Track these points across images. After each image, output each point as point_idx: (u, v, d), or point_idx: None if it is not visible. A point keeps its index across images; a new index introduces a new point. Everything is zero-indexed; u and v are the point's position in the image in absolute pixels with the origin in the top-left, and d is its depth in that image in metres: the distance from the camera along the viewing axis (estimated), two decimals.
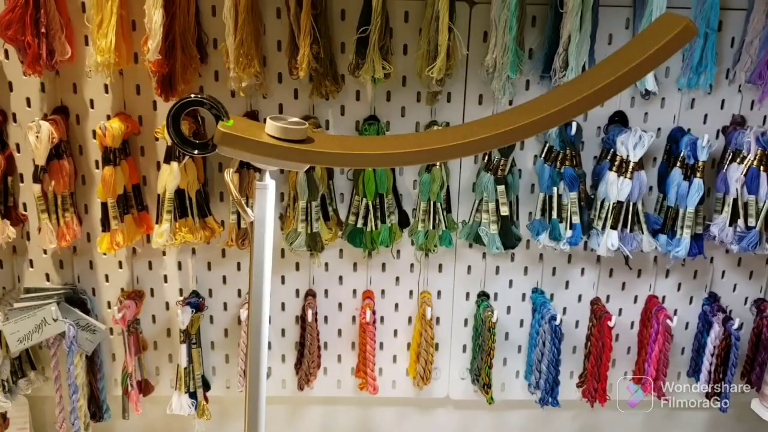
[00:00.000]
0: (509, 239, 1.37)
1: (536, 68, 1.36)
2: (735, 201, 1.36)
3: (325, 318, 1.54)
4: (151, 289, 1.51)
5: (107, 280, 1.50)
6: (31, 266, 1.48)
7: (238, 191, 0.90)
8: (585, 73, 1.01)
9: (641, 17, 1.30)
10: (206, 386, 1.54)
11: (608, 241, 1.36)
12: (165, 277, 1.50)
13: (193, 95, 0.91)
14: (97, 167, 1.39)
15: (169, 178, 1.30)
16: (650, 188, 1.44)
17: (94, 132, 1.35)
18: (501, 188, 1.34)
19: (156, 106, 1.39)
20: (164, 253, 1.49)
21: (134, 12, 1.31)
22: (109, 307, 1.51)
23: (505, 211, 1.36)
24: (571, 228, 1.36)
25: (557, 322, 1.42)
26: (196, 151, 0.92)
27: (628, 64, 0.85)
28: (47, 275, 1.48)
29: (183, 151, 0.93)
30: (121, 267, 1.49)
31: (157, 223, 1.33)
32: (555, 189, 1.35)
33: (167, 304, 1.52)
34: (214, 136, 0.89)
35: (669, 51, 0.83)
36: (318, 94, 1.33)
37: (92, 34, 1.25)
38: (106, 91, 1.38)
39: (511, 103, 1.39)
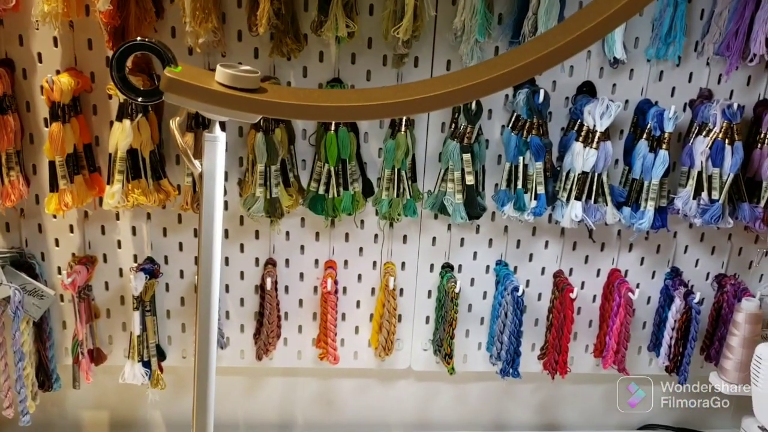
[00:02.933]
0: (474, 209, 1.34)
1: (506, 34, 1.33)
2: (699, 174, 1.35)
3: (286, 288, 1.50)
4: (104, 255, 1.45)
5: (57, 245, 1.44)
6: None
7: (180, 137, 0.85)
8: (552, 29, 0.98)
9: None
10: (161, 355, 1.49)
11: (572, 212, 1.34)
12: (118, 242, 1.45)
13: (139, 38, 0.86)
14: (46, 126, 1.32)
15: (120, 136, 1.24)
16: (616, 161, 1.42)
17: (42, 88, 1.28)
18: (467, 157, 1.31)
19: (109, 63, 1.33)
20: (118, 218, 1.43)
21: None
22: (60, 272, 1.45)
23: (470, 180, 1.33)
24: (536, 198, 1.34)
25: (519, 293, 1.40)
26: (140, 99, 0.87)
27: (596, 17, 0.82)
28: None
29: (127, 97, 0.88)
30: (72, 231, 1.43)
31: (108, 183, 1.28)
32: (521, 158, 1.32)
33: (121, 270, 1.47)
34: (159, 82, 0.84)
35: (638, 4, 0.81)
36: (278, 53, 1.28)
37: None
38: (56, 45, 1.31)
39: None
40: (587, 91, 1.40)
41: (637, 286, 1.52)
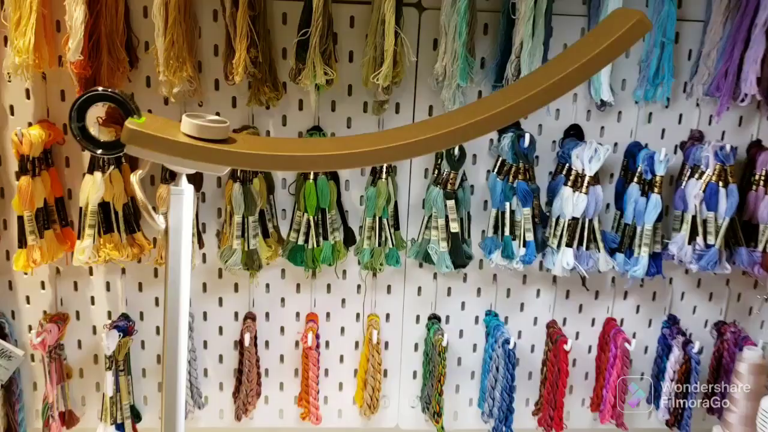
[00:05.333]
0: (460, 258, 1.29)
1: (489, 78, 1.29)
2: (694, 218, 1.30)
3: (266, 343, 1.44)
4: (77, 312, 1.40)
5: (28, 302, 1.38)
6: None
7: (141, 192, 0.80)
8: (535, 71, 0.95)
9: (595, 24, 1.25)
10: (136, 417, 1.42)
11: (563, 259, 1.29)
12: (92, 298, 1.39)
13: (101, 88, 0.81)
14: (18, 179, 1.28)
15: (91, 189, 1.20)
16: (607, 206, 1.38)
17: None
18: (450, 203, 1.27)
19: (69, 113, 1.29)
20: (91, 273, 1.38)
21: (58, 11, 1.21)
22: (30, 330, 1.38)
23: (455, 227, 1.28)
24: (524, 246, 1.29)
25: (511, 346, 1.34)
26: (99, 151, 0.83)
27: (580, 59, 0.78)
28: None
29: (87, 149, 0.83)
30: (43, 288, 1.38)
31: (79, 238, 1.23)
32: (507, 204, 1.28)
33: (94, 328, 1.41)
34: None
35: (622, 45, 0.77)
36: (256, 102, 1.25)
37: (10, 33, 1.16)
38: (28, 97, 1.28)
39: None
40: (575, 134, 1.36)
41: (634, 335, 1.46)
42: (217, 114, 1.31)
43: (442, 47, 1.24)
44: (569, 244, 1.29)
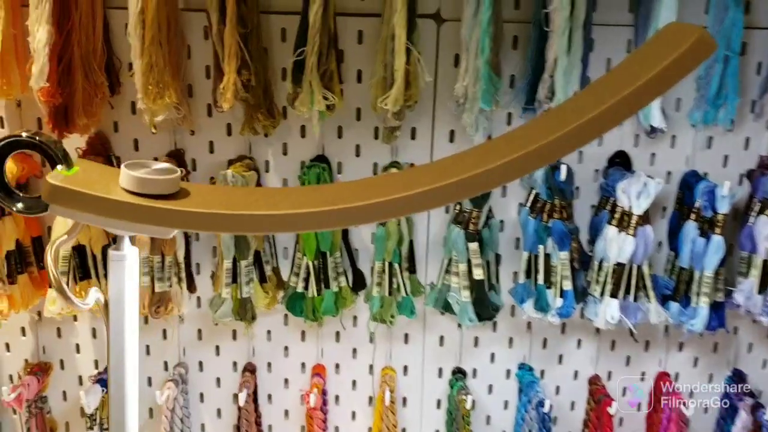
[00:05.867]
0: (485, 309, 1.11)
1: (518, 99, 1.11)
2: (765, 263, 1.10)
3: (269, 396, 1.28)
4: (61, 361, 1.27)
5: (8, 350, 1.26)
6: None
7: (57, 269, 0.65)
8: (570, 100, 0.77)
9: (644, 36, 1.06)
10: None
11: (607, 312, 1.10)
12: (77, 346, 1.26)
13: (24, 133, 0.67)
14: None
15: (64, 230, 1.05)
16: (659, 244, 1.18)
17: None
18: (473, 246, 1.09)
19: (63, 144, 1.16)
20: (75, 319, 1.24)
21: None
22: (12, 381, 1.26)
23: (479, 274, 1.10)
24: (561, 296, 1.10)
25: (546, 409, 1.16)
26: (20, 205, 0.68)
27: (624, 89, 0.60)
28: None
29: (6, 207, 0.68)
30: (24, 334, 1.25)
31: (50, 286, 1.09)
32: (541, 247, 1.10)
33: (80, 378, 1.27)
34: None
35: (677, 71, 0.58)
36: (250, 130, 1.09)
37: None
38: (1, 125, 1.15)
39: (490, 139, 1.15)
40: (620, 162, 1.17)
41: (691, 394, 1.26)
42: (210, 143, 1.16)
43: (463, 65, 1.06)
44: (614, 294, 1.10)
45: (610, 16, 1.11)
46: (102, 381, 1.20)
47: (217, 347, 1.26)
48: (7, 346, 1.25)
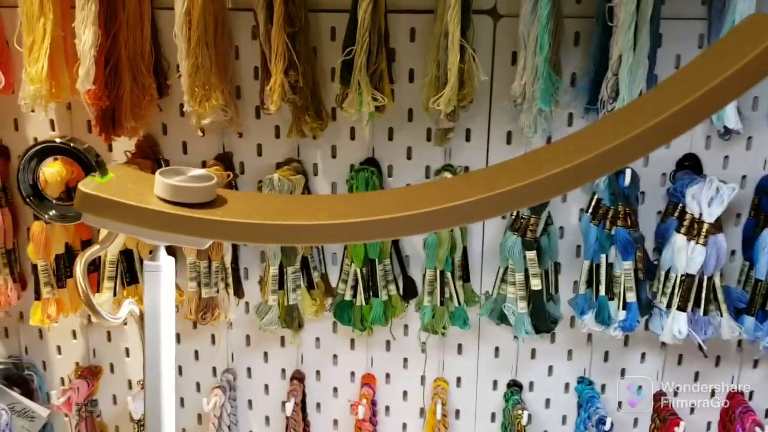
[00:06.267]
0: (543, 321, 1.06)
1: (580, 98, 1.05)
2: None
3: (318, 405, 1.25)
4: (111, 365, 1.26)
5: (59, 353, 1.26)
6: None
7: (85, 281, 0.62)
8: (637, 101, 0.71)
9: (719, 31, 0.99)
10: None
11: (675, 326, 1.03)
12: (126, 350, 1.25)
13: (58, 139, 0.64)
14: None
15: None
16: (732, 253, 1.10)
17: None
18: (531, 255, 1.03)
19: (112, 147, 1.15)
20: (125, 322, 1.23)
21: None
22: (63, 383, 1.26)
23: (536, 284, 1.04)
24: (624, 308, 1.03)
25: (607, 428, 1.09)
26: (53, 213, 0.66)
27: (698, 89, 0.54)
28: None
29: (38, 214, 0.66)
30: (75, 337, 1.25)
31: (98, 290, 1.08)
32: (604, 257, 1.03)
33: (129, 382, 1.27)
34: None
35: (761, 69, 0.52)
36: (298, 133, 1.06)
37: (24, 58, 1.02)
38: (52, 128, 1.15)
39: (549, 141, 1.09)
40: (690, 165, 1.09)
41: (766, 414, 1.18)
42: (259, 146, 1.13)
43: (521, 63, 1.01)
44: (682, 307, 1.03)
45: (681, 8, 1.03)
46: None
47: (266, 354, 1.23)
48: (59, 348, 1.25)
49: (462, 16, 0.97)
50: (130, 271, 1.08)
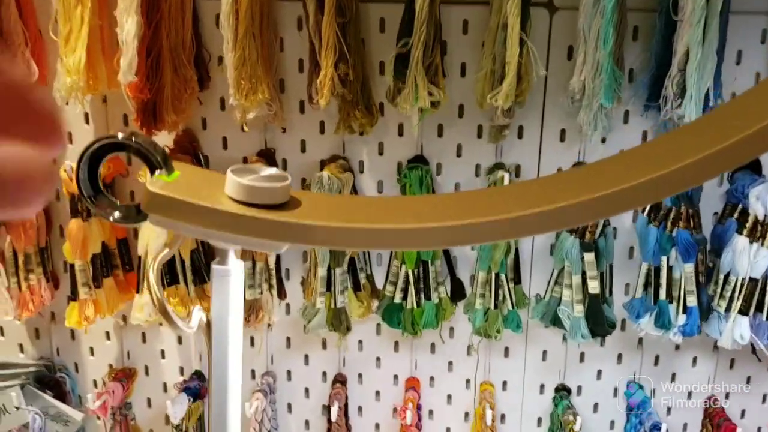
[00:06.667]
0: (600, 325, 1.02)
1: (638, 95, 1.01)
2: None
3: (359, 409, 1.22)
4: (146, 367, 1.22)
5: (92, 354, 1.22)
6: (2, 335, 1.21)
7: (159, 288, 0.58)
8: (720, 110, 0.67)
9: None
10: None
11: (736, 330, 1.00)
12: (162, 352, 1.22)
13: (120, 134, 0.60)
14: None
15: (152, 235, 1.01)
16: None
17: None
18: (589, 257, 1.00)
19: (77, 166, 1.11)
20: (161, 323, 1.19)
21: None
22: (96, 386, 1.23)
23: (594, 287, 1.01)
24: (684, 312, 1.00)
25: None
26: (117, 215, 0.62)
27: None
28: (21, 346, 1.22)
29: (101, 216, 0.62)
30: (108, 339, 1.21)
31: (138, 292, 1.04)
32: (665, 259, 0.99)
33: (165, 385, 1.23)
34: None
35: None
36: (346, 129, 1.02)
37: (60, 49, 0.98)
38: (87, 122, 1.11)
39: (603, 141, 1.05)
40: (748, 165, 1.05)
41: None
42: (302, 142, 1.09)
43: (581, 57, 0.97)
44: (744, 312, 0.99)
45: (743, 2, 0.99)
46: (188, 389, 1.15)
47: (306, 356, 1.20)
48: (91, 350, 1.22)
49: (521, 8, 0.93)
50: (171, 272, 1.05)
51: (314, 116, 1.08)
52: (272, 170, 0.59)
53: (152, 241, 1.00)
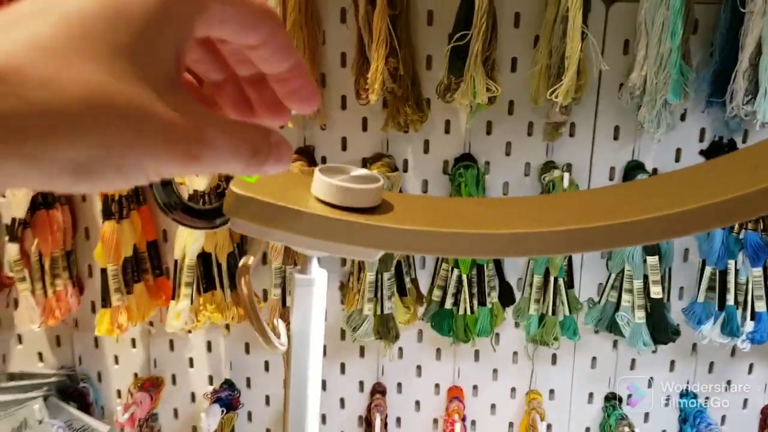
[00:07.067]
0: (663, 332, 0.97)
1: (699, 91, 0.97)
2: None
3: (398, 420, 1.16)
4: (173, 376, 1.17)
5: (117, 363, 1.16)
6: (20, 342, 1.15)
7: (252, 302, 0.52)
8: None
9: None
10: None
11: None
12: (190, 360, 1.16)
13: None
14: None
15: (189, 238, 0.95)
16: None
17: None
18: (653, 261, 0.95)
19: None
20: (189, 330, 1.14)
21: None
22: (120, 396, 1.17)
23: (657, 292, 0.96)
24: (753, 318, 0.95)
25: None
26: (195, 220, 0.56)
27: None
28: (40, 355, 1.15)
29: (178, 222, 0.57)
30: (134, 346, 1.15)
31: (173, 298, 0.98)
32: (732, 262, 0.95)
33: (193, 395, 1.17)
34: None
35: None
36: (395, 125, 0.97)
37: None
38: None
39: (658, 140, 1.00)
40: None
41: None
42: (343, 140, 1.04)
43: (642, 52, 0.92)
44: None
45: None
46: (220, 400, 1.09)
47: (342, 365, 1.14)
48: (116, 358, 1.16)
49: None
50: (207, 276, 0.99)
51: (357, 113, 1.03)
52: (362, 171, 0.54)
53: (189, 244, 0.95)
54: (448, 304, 0.99)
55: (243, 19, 0.27)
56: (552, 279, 0.97)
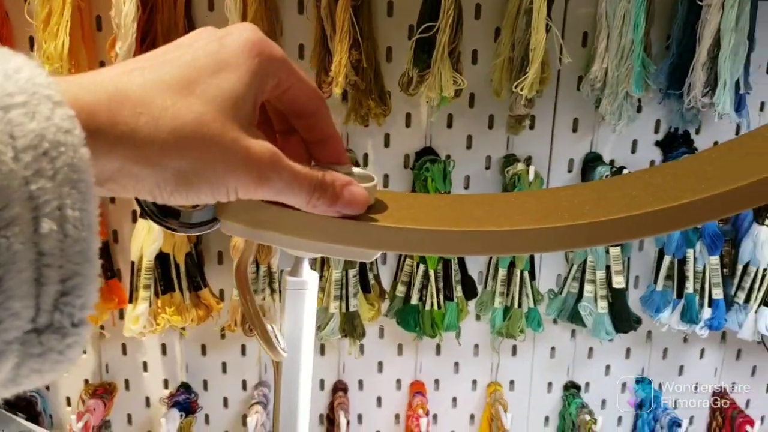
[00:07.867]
0: (625, 321, 0.99)
1: (656, 82, 0.98)
2: None
3: (359, 417, 1.15)
4: (126, 381, 1.12)
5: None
6: None
7: (255, 308, 0.50)
8: None
9: None
10: None
11: (760, 322, 0.98)
12: (144, 364, 1.12)
13: None
14: None
15: (146, 239, 0.91)
16: None
17: None
18: (615, 252, 0.96)
19: None
20: (143, 334, 1.09)
21: (99, 3, 0.93)
22: (69, 404, 1.12)
23: (619, 282, 0.97)
24: (710, 305, 0.98)
25: (683, 430, 1.04)
26: (174, 227, 0.53)
27: None
28: None
29: (164, 226, 0.53)
30: (84, 351, 1.10)
31: (130, 301, 0.94)
32: (691, 252, 0.97)
33: (147, 399, 1.13)
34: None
35: None
36: (357, 119, 0.95)
37: (37, 33, 0.87)
38: None
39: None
40: None
41: None
42: None
43: (603, 44, 0.93)
44: (767, 303, 0.98)
45: None
46: (177, 404, 1.06)
47: None
48: None
49: None
50: (165, 278, 0.95)
51: None
52: (356, 170, 0.52)
53: (147, 245, 0.91)
54: (414, 300, 0.99)
55: (301, 91, 0.36)
56: (517, 272, 0.97)
